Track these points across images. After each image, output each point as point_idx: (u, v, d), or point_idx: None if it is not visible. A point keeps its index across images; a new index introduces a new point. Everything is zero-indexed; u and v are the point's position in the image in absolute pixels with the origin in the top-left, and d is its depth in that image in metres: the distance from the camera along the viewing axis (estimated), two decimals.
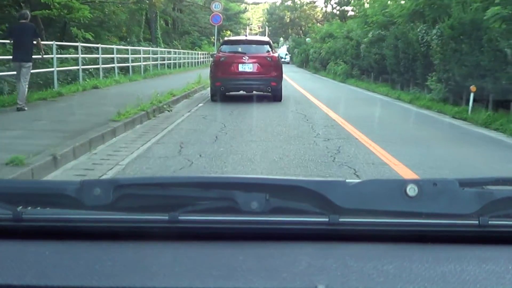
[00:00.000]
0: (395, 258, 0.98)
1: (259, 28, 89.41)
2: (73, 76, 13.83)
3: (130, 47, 19.14)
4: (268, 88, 12.10)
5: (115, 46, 16.93)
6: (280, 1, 73.74)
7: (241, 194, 1.08)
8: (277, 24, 75.76)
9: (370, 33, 20.71)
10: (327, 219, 1.05)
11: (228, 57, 12.18)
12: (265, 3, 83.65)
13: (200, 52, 39.87)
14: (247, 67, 12.07)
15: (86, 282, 0.89)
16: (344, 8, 47.67)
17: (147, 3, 26.59)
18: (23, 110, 8.45)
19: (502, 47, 9.77)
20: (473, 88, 10.51)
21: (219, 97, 12.32)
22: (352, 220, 1.08)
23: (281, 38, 78.49)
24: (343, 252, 1.01)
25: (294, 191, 1.12)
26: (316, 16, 69.03)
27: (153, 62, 22.67)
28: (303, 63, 47.76)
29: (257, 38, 15.92)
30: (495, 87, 10.33)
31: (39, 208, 1.17)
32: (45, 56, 10.60)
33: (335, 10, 51.40)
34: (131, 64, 18.50)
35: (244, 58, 12.06)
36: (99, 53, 15.21)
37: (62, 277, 0.91)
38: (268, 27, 78.44)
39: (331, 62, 30.36)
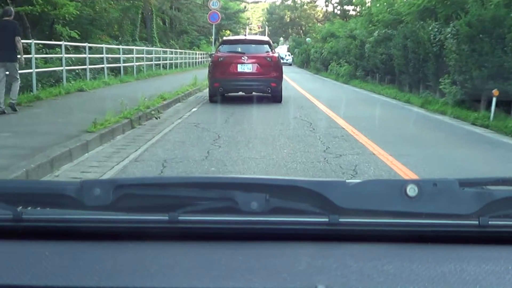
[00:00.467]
0: (395, 258, 0.99)
1: (259, 28, 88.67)
2: (58, 78, 12.74)
3: (122, 46, 17.91)
4: (268, 89, 11.77)
5: (105, 45, 15.82)
6: (280, 1, 73.14)
7: (241, 194, 1.09)
8: (277, 24, 75.11)
9: (376, 32, 19.63)
10: (327, 219, 1.05)
11: (227, 57, 11.85)
12: (265, 2, 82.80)
13: (198, 52, 38.74)
14: (246, 68, 11.75)
15: (86, 282, 0.90)
16: (345, 8, 47.25)
17: (142, 0, 25.49)
18: (3, 114, 7.81)
19: None
20: (496, 92, 9.50)
21: (215, 101, 11.89)
22: (352, 220, 1.08)
23: (281, 38, 77.82)
24: (343, 252, 1.02)
25: (294, 191, 1.12)
26: (317, 16, 68.67)
27: (148, 63, 21.52)
28: (304, 64, 46.87)
29: (257, 38, 15.54)
30: None
31: (39, 208, 1.17)
32: (25, 56, 9.62)
33: (336, 10, 50.91)
34: (123, 65, 17.33)
35: (243, 58, 11.73)
36: (86, 53, 14.06)
37: (62, 277, 0.91)
38: (268, 27, 77.75)
39: (333, 63, 29.30)
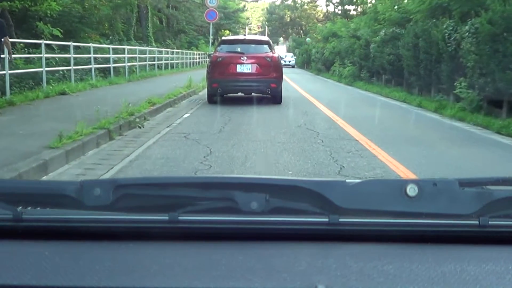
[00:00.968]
0: (395, 258, 0.98)
1: (259, 28, 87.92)
2: (39, 80, 11.62)
3: (112, 46, 16.72)
4: (268, 90, 11.55)
5: (92, 44, 14.63)
6: (280, 1, 72.25)
7: (241, 194, 1.08)
8: (277, 24, 74.32)
9: (382, 31, 18.53)
10: (327, 219, 1.05)
11: (226, 57, 11.61)
12: (265, 2, 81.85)
13: (196, 52, 37.62)
14: (246, 68, 11.50)
15: (86, 282, 0.90)
16: (346, 7, 46.63)
17: None
18: None
19: None
20: None
21: (214, 102, 11.61)
22: (352, 220, 1.07)
23: (281, 38, 76.97)
24: (343, 252, 1.01)
25: (294, 191, 1.12)
26: (317, 16, 68.09)
27: (141, 63, 20.37)
28: (305, 64, 45.94)
29: (256, 38, 15.27)
30: None
31: (39, 208, 1.17)
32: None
33: (337, 10, 50.28)
34: (113, 65, 16.12)
35: (243, 59, 11.48)
36: (71, 52, 12.90)
37: (62, 277, 0.91)
38: (268, 27, 76.90)
39: (336, 63, 28.23)
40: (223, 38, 15.24)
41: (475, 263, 0.96)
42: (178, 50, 31.32)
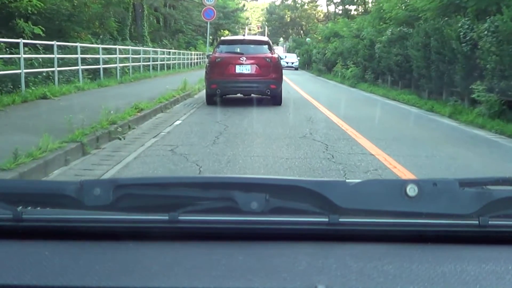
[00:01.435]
0: (395, 258, 0.98)
1: (259, 28, 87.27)
2: (20, 83, 10.63)
3: (101, 46, 15.59)
4: (267, 91, 11.38)
5: (80, 44, 13.61)
6: (280, 0, 71.48)
7: (241, 194, 1.08)
8: (277, 24, 73.66)
9: (389, 31, 17.55)
10: (327, 219, 1.04)
11: (225, 58, 11.43)
12: (265, 2, 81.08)
13: (195, 53, 36.60)
14: (245, 69, 11.31)
15: (86, 282, 0.89)
16: (347, 7, 46.08)
17: None
18: None
19: None
20: None
21: (213, 103, 11.42)
22: (352, 220, 1.07)
23: (281, 39, 76.19)
24: (343, 252, 1.01)
25: (294, 191, 1.11)
26: (318, 16, 67.54)
27: (134, 64, 19.32)
28: (305, 65, 45.06)
29: (256, 38, 15.12)
30: None
31: (39, 208, 1.16)
32: None
33: (338, 10, 49.68)
34: (103, 66, 15.07)
35: (242, 59, 11.29)
36: (54, 52, 11.83)
37: (62, 277, 0.91)
38: (268, 27, 76.16)
39: (338, 64, 27.28)
40: (222, 38, 15.06)
41: (475, 263, 0.96)
42: (175, 51, 30.23)
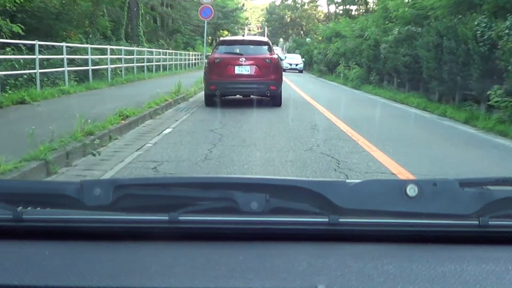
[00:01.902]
0: (395, 258, 0.98)
1: (258, 29, 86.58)
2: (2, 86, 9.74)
3: (90, 46, 14.58)
4: (267, 92, 11.30)
5: (65, 44, 12.65)
6: (280, 0, 70.67)
7: (241, 195, 1.08)
8: (277, 24, 73.04)
9: (396, 30, 16.62)
10: (327, 219, 1.04)
11: (224, 59, 11.37)
12: (264, 2, 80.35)
13: (192, 53, 35.66)
14: (244, 70, 11.25)
15: (86, 282, 0.89)
16: (348, 7, 45.40)
17: None
18: None
19: None
20: None
21: (211, 105, 11.33)
22: (352, 221, 1.07)
23: (281, 39, 75.39)
24: (343, 252, 1.01)
25: (294, 191, 1.11)
26: (318, 16, 66.82)
27: (128, 65, 18.39)
28: (306, 65, 44.21)
29: (255, 38, 14.92)
30: None
31: (39, 209, 1.16)
32: None
33: (338, 10, 48.97)
34: (92, 68, 14.12)
35: (241, 60, 11.22)
36: (36, 53, 10.79)
37: (62, 277, 0.91)
38: (268, 27, 75.39)
39: (341, 65, 26.40)
40: (221, 39, 14.85)
41: (475, 263, 0.96)
42: (172, 51, 29.27)
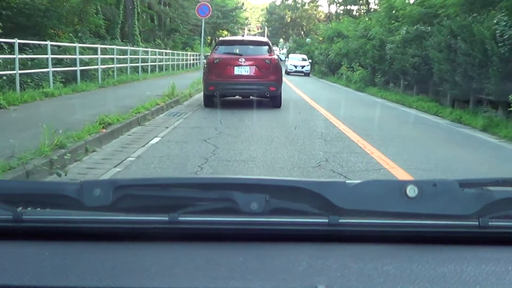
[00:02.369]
0: (395, 259, 0.98)
1: (258, 29, 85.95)
2: None
3: (78, 45, 13.60)
4: (267, 93, 11.23)
5: (50, 43, 11.81)
6: (281, 0, 69.83)
7: (241, 195, 1.08)
8: (277, 24, 72.17)
9: (403, 29, 15.76)
10: (327, 220, 1.04)
11: (223, 59, 11.27)
12: (265, 2, 79.63)
13: (190, 53, 34.79)
14: (244, 70, 11.16)
15: (86, 283, 0.89)
16: (350, 7, 44.73)
17: None
18: None
19: None
20: None
21: (210, 106, 11.23)
22: (352, 221, 1.07)
23: (281, 39, 74.61)
24: (343, 253, 1.01)
25: (294, 192, 1.11)
26: (318, 16, 66.16)
27: (121, 65, 17.54)
28: None
29: (255, 39, 14.78)
30: None
31: (39, 209, 1.16)
32: None
33: (339, 10, 48.37)
34: (80, 68, 13.23)
35: (241, 60, 11.12)
36: (15, 53, 9.94)
37: (62, 278, 0.91)
38: (268, 27, 74.61)
39: (343, 66, 25.56)
40: (221, 39, 14.71)
41: (475, 264, 0.96)
42: (169, 51, 28.40)
